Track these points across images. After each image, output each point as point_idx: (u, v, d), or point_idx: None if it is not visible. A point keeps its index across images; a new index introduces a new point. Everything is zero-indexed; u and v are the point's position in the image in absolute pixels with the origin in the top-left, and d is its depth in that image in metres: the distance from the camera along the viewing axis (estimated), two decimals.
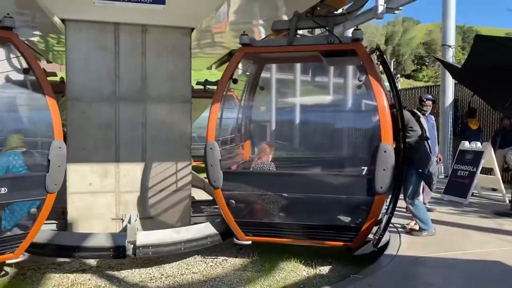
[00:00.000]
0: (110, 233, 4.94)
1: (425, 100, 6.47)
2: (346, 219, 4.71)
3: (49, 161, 4.21)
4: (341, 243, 4.57)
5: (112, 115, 5.56)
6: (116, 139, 5.61)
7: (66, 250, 4.58)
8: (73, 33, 5.39)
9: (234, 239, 4.92)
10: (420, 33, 61.78)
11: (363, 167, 4.75)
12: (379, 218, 4.47)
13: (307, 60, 6.32)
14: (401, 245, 4.88)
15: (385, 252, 4.63)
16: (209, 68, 12.31)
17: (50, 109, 4.21)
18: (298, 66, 9.26)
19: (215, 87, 6.39)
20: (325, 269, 4.69)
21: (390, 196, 4.53)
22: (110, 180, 5.59)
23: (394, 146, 4.33)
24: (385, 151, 4.19)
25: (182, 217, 5.77)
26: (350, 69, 6.55)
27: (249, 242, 4.89)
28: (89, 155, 5.50)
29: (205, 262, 5.14)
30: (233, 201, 4.75)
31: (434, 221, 6.09)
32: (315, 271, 4.67)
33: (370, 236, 4.55)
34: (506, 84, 7.09)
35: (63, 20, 5.39)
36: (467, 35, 54.65)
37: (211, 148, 4.69)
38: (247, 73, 6.07)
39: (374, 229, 4.58)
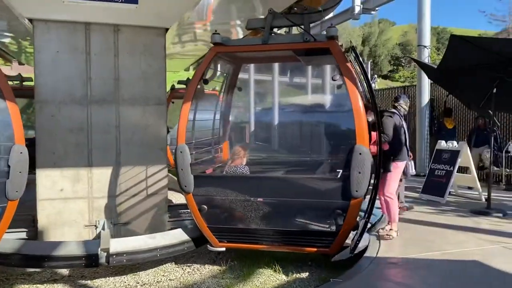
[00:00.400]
0: (82, 241, 4.76)
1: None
2: (322, 224, 4.59)
3: (9, 167, 3.99)
4: (318, 249, 4.45)
5: (83, 118, 5.37)
6: (88, 143, 5.42)
7: (35, 260, 4.36)
8: (42, 33, 5.19)
9: (208, 246, 4.77)
10: (396, 34, 62.62)
11: (338, 170, 4.58)
12: (356, 223, 4.37)
13: (284, 60, 6.20)
14: (380, 247, 4.84)
15: (364, 255, 4.58)
16: (187, 69, 12.16)
17: (10, 112, 4.00)
18: (275, 66, 9.19)
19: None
20: (305, 273, 4.61)
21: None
22: (82, 186, 5.40)
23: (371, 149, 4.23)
24: (360, 153, 4.05)
25: (158, 222, 5.62)
26: (326, 68, 6.47)
27: (223, 249, 4.75)
28: (60, 159, 5.30)
29: (182, 269, 5.00)
30: (205, 207, 4.60)
31: (413, 221, 6.12)
32: (295, 275, 4.59)
33: (349, 241, 4.48)
34: (481, 84, 7.18)
35: (31, 20, 5.18)
36: (441, 36, 55.67)
37: (181, 152, 4.54)
38: (225, 74, 5.95)
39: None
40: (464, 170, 8.89)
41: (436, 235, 5.36)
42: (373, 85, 26.55)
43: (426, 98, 11.67)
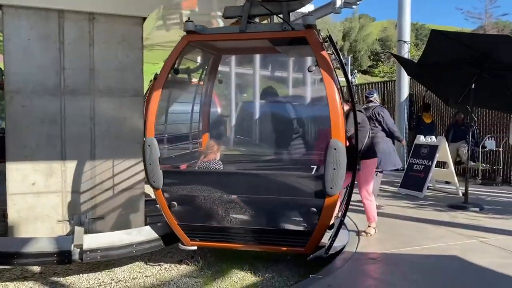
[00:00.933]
0: (54, 237, 4.58)
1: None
2: (297, 222, 4.41)
3: None
4: (293, 249, 4.27)
5: (56, 109, 5.17)
6: (62, 135, 5.23)
7: (3, 257, 4.18)
8: (11, 21, 4.95)
9: (179, 244, 4.59)
10: (375, 30, 63.16)
11: (312, 166, 4.41)
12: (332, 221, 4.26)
13: (264, 51, 6.03)
14: (360, 242, 4.82)
15: (344, 250, 4.55)
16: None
17: None
18: (255, 58, 9.01)
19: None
20: (283, 269, 4.54)
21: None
22: (55, 179, 5.21)
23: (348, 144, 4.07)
24: (335, 149, 3.85)
25: (134, 217, 5.47)
26: (304, 59, 6.27)
27: (195, 248, 4.57)
28: (32, 152, 5.09)
29: (159, 265, 4.88)
30: (175, 203, 4.39)
31: (391, 215, 6.14)
32: (274, 271, 4.52)
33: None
34: (459, 80, 7.23)
35: (0, 6, 4.95)
36: (419, 32, 56.42)
37: (149, 145, 4.33)
38: (202, 65, 5.80)
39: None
40: (442, 165, 8.99)
41: (415, 229, 5.38)
42: (353, 80, 26.75)
43: (405, 93, 11.76)
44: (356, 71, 37.44)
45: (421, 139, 8.35)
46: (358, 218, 5.80)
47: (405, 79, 11.68)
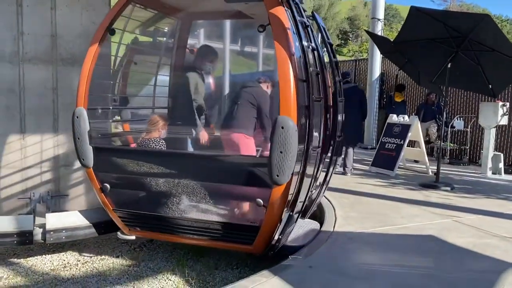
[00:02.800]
0: (14, 216, 4.26)
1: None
2: (243, 215, 3.84)
3: None
4: (240, 246, 3.65)
5: (14, 78, 4.77)
6: (21, 107, 4.85)
7: None
8: None
9: (118, 233, 4.14)
10: (344, 8, 63.07)
11: (257, 148, 3.82)
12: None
13: (220, 16, 5.28)
14: (337, 220, 4.73)
15: (322, 229, 4.45)
16: None
17: None
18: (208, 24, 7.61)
19: None
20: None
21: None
22: (14, 155, 4.84)
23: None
24: (282, 127, 3.14)
25: None
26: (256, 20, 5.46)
27: (133, 238, 4.13)
28: None
29: (128, 244, 4.65)
30: (107, 185, 3.87)
31: (366, 194, 6.09)
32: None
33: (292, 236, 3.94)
34: (434, 59, 7.19)
35: None
36: (387, 12, 56.80)
37: (77, 117, 3.80)
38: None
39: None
40: (411, 144, 9.06)
41: (389, 208, 5.35)
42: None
43: (377, 72, 11.74)
44: (324, 49, 37.17)
45: (393, 118, 8.34)
46: (333, 197, 5.73)
47: (377, 58, 11.64)
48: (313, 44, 3.59)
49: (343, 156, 7.54)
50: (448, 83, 6.76)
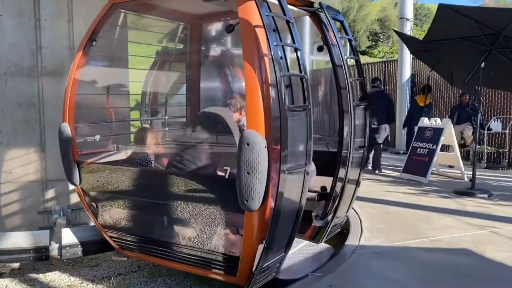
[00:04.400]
0: (30, 231, 4.22)
1: None
2: (223, 242, 3.18)
3: None
4: (224, 276, 3.21)
5: (34, 91, 4.78)
6: (41, 120, 4.85)
7: None
8: None
9: (113, 253, 3.92)
10: (374, 10, 62.06)
11: (225, 167, 3.19)
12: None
13: (207, 20, 4.64)
14: (363, 233, 4.47)
15: (346, 242, 4.20)
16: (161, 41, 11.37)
17: None
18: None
19: None
20: None
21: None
22: (34, 168, 4.85)
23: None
24: (247, 144, 2.66)
25: None
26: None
27: (125, 259, 3.87)
28: (8, 139, 4.72)
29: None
30: (94, 204, 3.69)
31: (395, 203, 5.79)
32: None
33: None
34: (467, 58, 6.82)
35: None
36: (419, 12, 55.47)
37: (61, 133, 3.65)
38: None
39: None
40: (444, 148, 8.63)
41: (421, 219, 5.04)
42: (349, 61, 26.10)
43: (407, 73, 11.35)
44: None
45: (425, 121, 7.96)
46: (360, 206, 5.47)
47: (407, 58, 11.25)
48: (296, 45, 2.95)
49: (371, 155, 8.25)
50: (483, 83, 6.37)
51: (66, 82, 4.83)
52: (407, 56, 11.13)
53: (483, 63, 6.22)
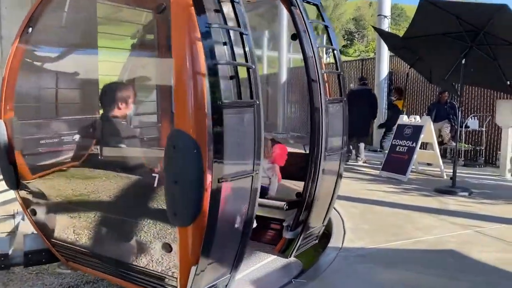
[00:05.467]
0: None
1: None
2: (159, 261, 2.70)
3: None
4: None
5: None
6: None
7: None
8: None
9: (57, 266, 3.67)
10: (349, 9, 62.68)
11: (154, 174, 2.63)
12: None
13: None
14: (346, 234, 4.30)
15: (329, 245, 4.02)
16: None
17: None
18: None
19: None
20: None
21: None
22: None
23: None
24: (174, 147, 2.24)
25: None
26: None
27: (69, 271, 3.62)
28: None
29: None
30: (35, 209, 3.31)
31: (377, 202, 5.65)
32: None
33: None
34: (447, 55, 6.75)
35: None
36: (392, 12, 56.38)
37: None
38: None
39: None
40: (424, 146, 8.59)
41: (404, 218, 4.91)
42: (327, 59, 26.12)
43: (385, 71, 11.30)
44: (330, 50, 36.75)
45: (404, 118, 7.89)
46: (341, 206, 5.30)
47: (385, 56, 11.20)
48: (241, 29, 2.47)
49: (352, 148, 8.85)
50: (463, 80, 6.30)
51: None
52: (385, 53, 11.08)
53: (464, 59, 6.15)
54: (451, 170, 6.40)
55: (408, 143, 7.50)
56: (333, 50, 3.67)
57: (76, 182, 3.15)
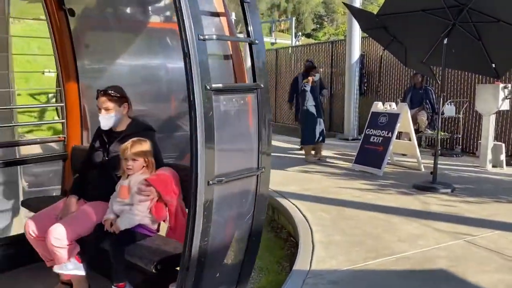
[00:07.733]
0: None
1: None
2: None
3: None
4: None
5: None
6: None
7: None
8: None
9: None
10: None
11: None
12: None
13: None
14: (316, 250, 3.54)
15: (295, 267, 3.25)
16: None
17: None
18: None
19: None
20: None
21: None
22: None
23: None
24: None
25: None
26: None
27: None
28: None
29: None
30: None
31: (352, 204, 4.93)
32: None
33: None
34: (426, 35, 6.03)
35: None
36: None
37: None
38: None
39: None
40: (398, 135, 7.93)
41: (383, 225, 4.20)
42: (297, 42, 25.19)
43: (356, 53, 10.58)
44: (300, 33, 36.13)
45: (379, 106, 7.18)
46: (310, 210, 4.56)
47: (357, 37, 10.48)
48: None
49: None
50: (445, 62, 5.60)
51: None
52: (357, 35, 10.36)
53: (446, 39, 5.44)
54: (428, 161, 5.73)
55: (383, 133, 6.80)
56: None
57: None
